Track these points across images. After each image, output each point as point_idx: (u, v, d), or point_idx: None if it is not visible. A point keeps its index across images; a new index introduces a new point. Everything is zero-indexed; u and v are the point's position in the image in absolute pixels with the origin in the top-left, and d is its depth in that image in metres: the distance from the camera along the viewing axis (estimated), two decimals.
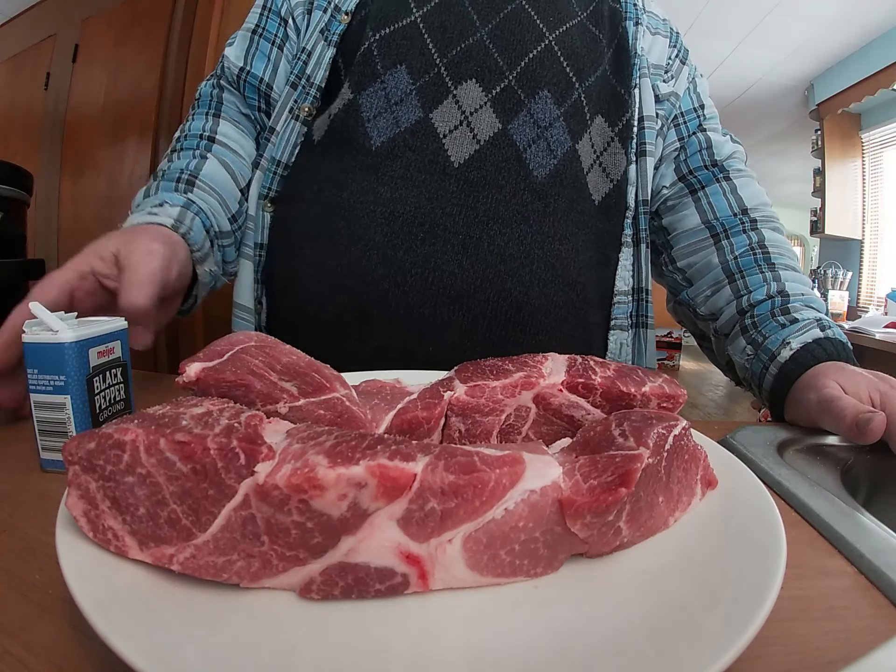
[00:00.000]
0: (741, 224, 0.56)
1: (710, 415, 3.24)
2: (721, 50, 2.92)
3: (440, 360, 0.47)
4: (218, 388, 0.26)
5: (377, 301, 0.48)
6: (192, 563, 0.20)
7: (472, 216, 0.48)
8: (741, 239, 0.55)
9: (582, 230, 0.52)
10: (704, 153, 0.59)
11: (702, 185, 0.58)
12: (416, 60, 0.50)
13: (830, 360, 0.45)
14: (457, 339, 0.48)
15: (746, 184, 0.58)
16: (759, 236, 0.55)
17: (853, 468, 0.38)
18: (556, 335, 0.51)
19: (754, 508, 0.25)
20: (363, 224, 0.48)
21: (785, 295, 0.50)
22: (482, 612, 0.20)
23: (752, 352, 0.49)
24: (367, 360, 0.48)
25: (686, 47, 0.63)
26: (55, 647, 0.19)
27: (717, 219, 0.57)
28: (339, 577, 0.20)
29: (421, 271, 0.47)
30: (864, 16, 2.52)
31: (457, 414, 0.31)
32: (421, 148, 0.49)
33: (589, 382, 0.31)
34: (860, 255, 3.24)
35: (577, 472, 0.22)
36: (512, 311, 0.48)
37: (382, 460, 0.19)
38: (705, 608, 0.19)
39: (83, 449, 0.20)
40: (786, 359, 0.46)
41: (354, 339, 0.49)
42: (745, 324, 0.51)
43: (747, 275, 0.53)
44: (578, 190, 0.53)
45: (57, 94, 2.15)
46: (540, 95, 0.50)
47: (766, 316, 0.50)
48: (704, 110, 0.61)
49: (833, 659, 0.20)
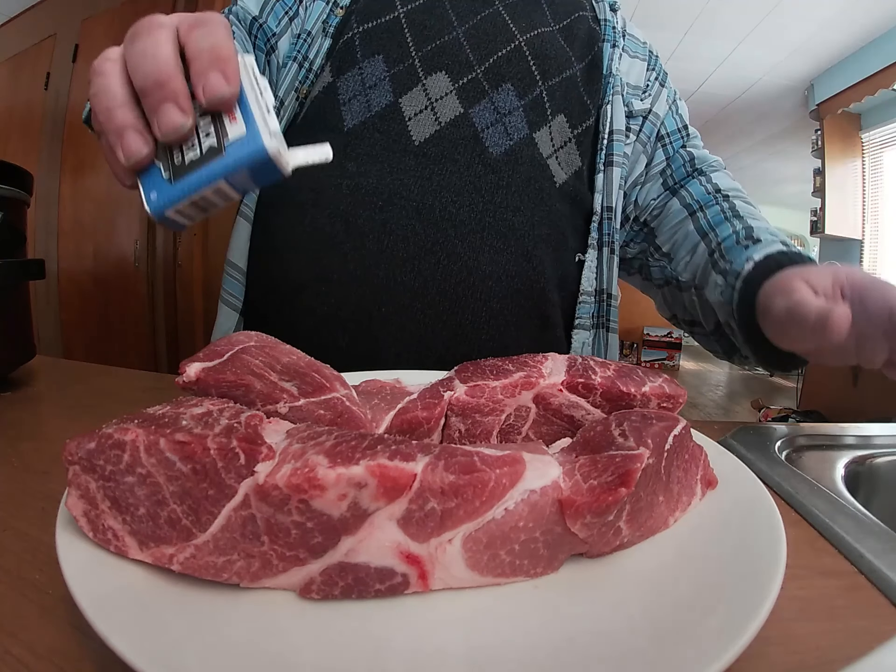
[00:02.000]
0: (715, 199, 0.59)
1: (710, 415, 3.24)
2: (721, 50, 2.92)
3: (391, 321, 0.50)
4: (218, 388, 0.26)
5: (336, 263, 0.51)
6: (192, 563, 0.20)
7: (427, 186, 0.52)
8: (714, 209, 0.58)
9: (539, 206, 0.55)
10: (687, 165, 0.64)
11: (682, 185, 0.63)
12: (393, 51, 0.54)
13: (794, 266, 0.44)
14: (408, 301, 0.50)
15: (722, 177, 0.62)
16: (730, 204, 0.57)
17: (853, 468, 0.38)
18: (510, 305, 0.52)
19: (754, 508, 0.25)
20: (328, 195, 0.52)
21: (749, 228, 0.52)
22: (482, 612, 0.20)
23: (722, 281, 0.50)
24: (323, 318, 0.51)
25: (665, 70, 0.67)
26: (55, 647, 0.19)
27: (694, 200, 0.60)
28: (339, 577, 0.20)
29: (378, 235, 0.50)
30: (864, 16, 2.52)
31: (457, 414, 0.31)
32: (387, 129, 0.53)
33: (589, 382, 0.31)
34: (860, 255, 3.24)
35: (577, 472, 0.22)
36: (463, 275, 0.51)
37: (382, 460, 0.19)
38: (705, 608, 0.19)
39: (83, 449, 0.20)
40: (749, 270, 0.46)
41: (312, 297, 0.52)
42: (713, 259, 0.53)
43: (717, 227, 0.55)
44: (538, 170, 0.55)
45: (57, 94, 2.15)
46: (503, 87, 0.54)
47: (732, 245, 0.51)
48: (687, 130, 0.66)
49: (833, 659, 0.20)
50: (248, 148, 0.25)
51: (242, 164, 0.25)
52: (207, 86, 0.25)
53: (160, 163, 0.26)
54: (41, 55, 2.22)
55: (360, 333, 0.51)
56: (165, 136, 0.25)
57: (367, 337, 0.51)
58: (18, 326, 0.52)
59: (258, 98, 0.26)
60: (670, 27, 2.68)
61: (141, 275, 2.06)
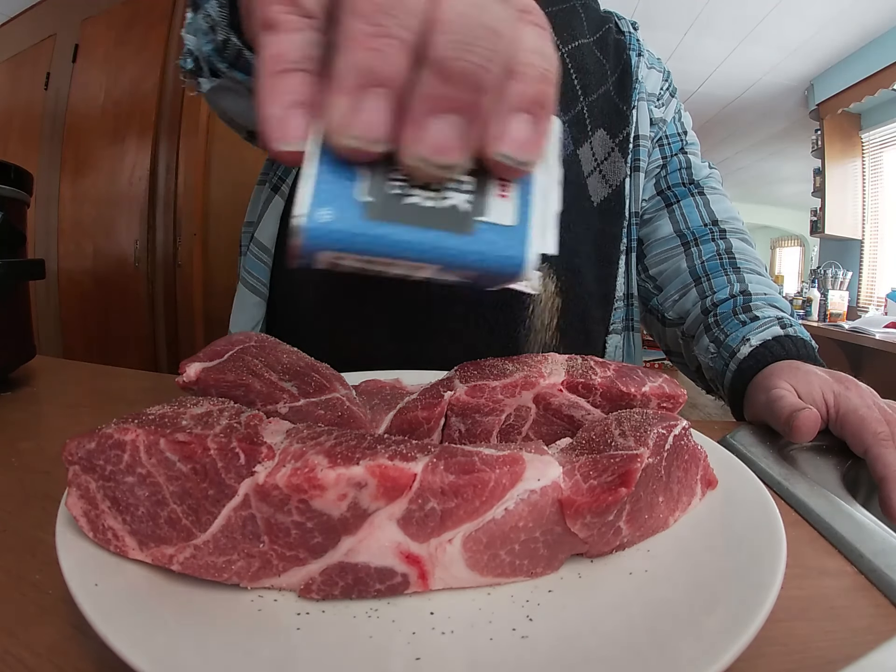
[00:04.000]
0: (710, 233, 0.58)
1: (710, 415, 3.24)
2: (721, 50, 2.92)
3: (445, 330, 0.49)
4: (218, 388, 0.26)
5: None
6: (193, 564, 0.20)
7: None
8: (710, 246, 0.57)
9: (581, 226, 0.55)
10: (683, 172, 0.63)
11: (677, 199, 0.62)
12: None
13: (789, 357, 0.45)
14: (462, 312, 0.50)
15: (719, 200, 0.61)
16: (727, 244, 0.57)
17: (853, 468, 0.38)
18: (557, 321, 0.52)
19: (754, 508, 0.25)
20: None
21: (747, 294, 0.52)
22: (482, 612, 0.20)
23: (714, 350, 0.50)
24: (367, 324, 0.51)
25: (675, 85, 0.68)
26: (55, 647, 0.19)
27: (688, 228, 0.59)
28: (340, 577, 0.20)
29: None
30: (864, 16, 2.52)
31: (457, 414, 0.31)
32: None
33: (589, 382, 0.31)
34: (860, 255, 3.24)
35: (577, 471, 0.22)
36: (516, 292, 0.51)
37: (382, 460, 0.19)
38: (705, 608, 0.19)
39: (83, 449, 0.20)
40: (745, 355, 0.47)
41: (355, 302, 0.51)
42: (708, 322, 0.53)
43: (713, 277, 0.55)
44: (578, 190, 0.55)
45: (57, 94, 2.15)
46: None
47: (728, 314, 0.51)
48: (687, 136, 0.66)
49: (833, 659, 0.20)
50: (505, 247, 0.17)
51: (486, 262, 0.17)
52: (517, 132, 0.16)
53: (364, 175, 0.17)
54: (41, 55, 2.22)
55: (410, 341, 0.50)
56: (423, 161, 0.16)
57: (417, 345, 0.50)
58: (18, 326, 0.52)
59: (546, 185, 0.18)
60: (670, 27, 2.68)
61: (141, 275, 2.06)
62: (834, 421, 0.39)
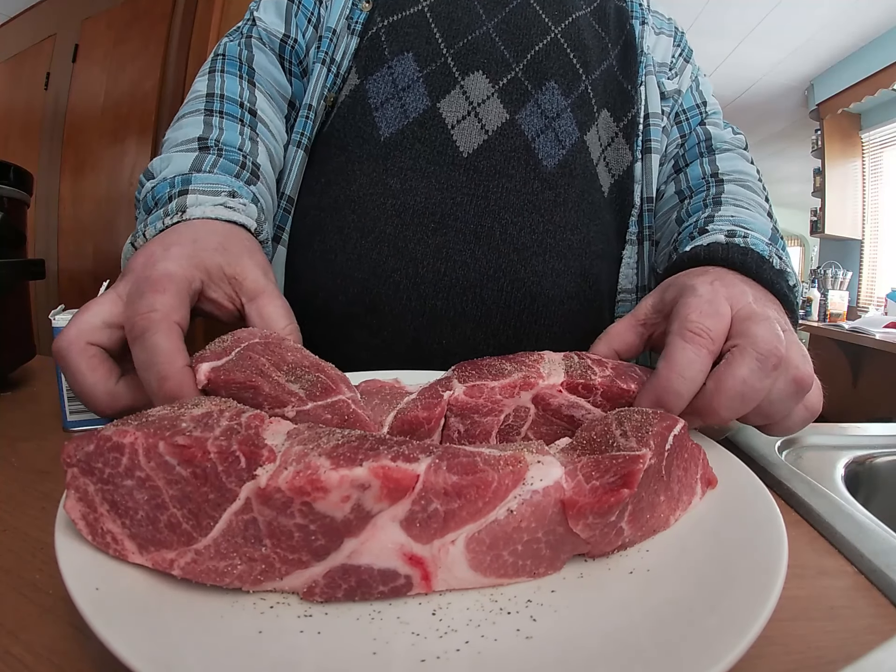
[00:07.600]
0: (706, 184, 0.53)
1: None
2: (721, 49, 2.92)
3: (453, 352, 0.47)
4: (228, 390, 0.26)
5: (388, 293, 0.47)
6: (194, 569, 0.20)
7: (483, 206, 0.47)
8: (700, 195, 0.52)
9: (593, 221, 0.52)
10: (702, 145, 0.57)
11: (686, 162, 0.57)
12: (422, 48, 0.50)
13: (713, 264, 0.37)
14: (470, 331, 0.47)
15: (728, 157, 0.55)
16: (719, 190, 0.51)
17: (853, 468, 0.38)
18: (570, 327, 0.50)
19: (755, 508, 0.24)
20: (373, 216, 0.47)
21: (710, 218, 0.45)
22: (484, 613, 0.20)
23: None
24: (376, 350, 0.47)
25: (690, 47, 0.63)
26: (55, 647, 0.19)
27: (688, 186, 0.55)
28: (342, 580, 0.20)
29: (433, 262, 0.46)
30: (864, 16, 2.52)
31: (455, 414, 0.31)
32: (429, 139, 0.48)
33: (589, 383, 0.31)
34: (860, 255, 3.24)
35: (579, 472, 0.22)
36: (526, 302, 0.47)
37: (385, 461, 0.19)
38: (707, 608, 0.19)
39: (81, 451, 0.20)
40: (669, 264, 0.40)
41: (364, 330, 0.48)
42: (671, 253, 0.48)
43: (692, 217, 0.49)
44: (589, 181, 0.52)
45: (57, 94, 2.15)
46: (547, 86, 0.50)
47: (685, 239, 0.45)
48: (707, 107, 0.60)
49: (833, 659, 0.20)
50: None
51: None
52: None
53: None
54: (41, 55, 2.22)
55: (417, 367, 0.45)
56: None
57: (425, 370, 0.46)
58: (18, 326, 0.52)
59: None
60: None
61: None
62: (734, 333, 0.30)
